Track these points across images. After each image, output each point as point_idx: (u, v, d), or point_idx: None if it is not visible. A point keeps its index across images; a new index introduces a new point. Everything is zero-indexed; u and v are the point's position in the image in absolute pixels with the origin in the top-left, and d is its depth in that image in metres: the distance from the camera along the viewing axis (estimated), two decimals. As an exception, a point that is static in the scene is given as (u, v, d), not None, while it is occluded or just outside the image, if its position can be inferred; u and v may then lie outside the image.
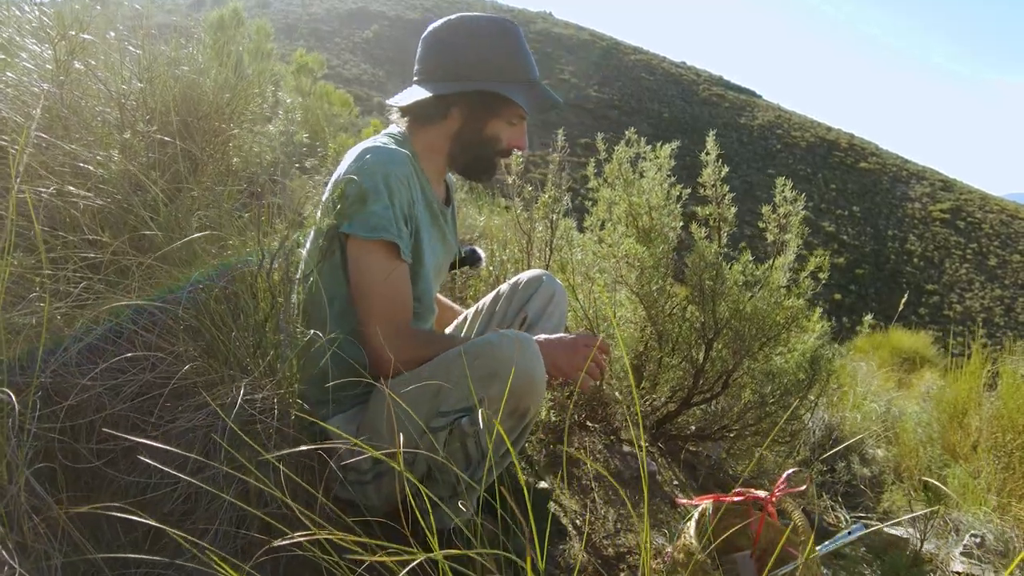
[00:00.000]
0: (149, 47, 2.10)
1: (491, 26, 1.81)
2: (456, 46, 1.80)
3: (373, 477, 1.68)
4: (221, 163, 2.19)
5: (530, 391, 1.60)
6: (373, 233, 1.63)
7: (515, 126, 1.86)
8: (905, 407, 5.70)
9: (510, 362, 1.55)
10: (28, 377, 1.30)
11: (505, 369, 1.54)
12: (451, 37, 1.81)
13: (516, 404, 1.60)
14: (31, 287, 1.36)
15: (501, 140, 1.86)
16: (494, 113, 1.82)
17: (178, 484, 1.31)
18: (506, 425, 1.62)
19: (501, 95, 1.77)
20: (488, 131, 1.84)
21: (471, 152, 1.86)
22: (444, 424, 1.61)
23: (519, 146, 1.90)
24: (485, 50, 1.79)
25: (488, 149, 1.86)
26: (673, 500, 2.66)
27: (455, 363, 1.61)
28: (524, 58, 1.83)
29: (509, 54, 1.81)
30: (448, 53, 1.81)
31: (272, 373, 1.50)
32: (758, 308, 2.60)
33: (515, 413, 1.62)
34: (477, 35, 1.80)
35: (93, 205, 1.47)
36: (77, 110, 1.85)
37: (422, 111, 1.84)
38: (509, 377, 1.52)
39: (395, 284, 1.69)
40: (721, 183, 2.53)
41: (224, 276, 1.55)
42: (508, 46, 1.81)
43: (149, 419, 1.37)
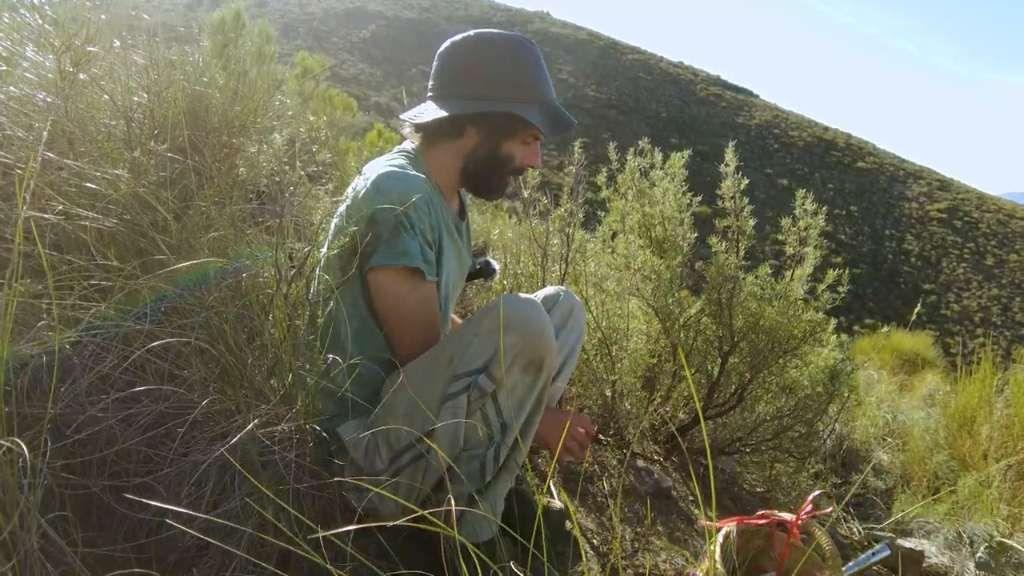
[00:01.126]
0: (155, 56, 2.04)
1: (509, 44, 1.76)
2: (473, 64, 1.76)
3: (391, 475, 1.62)
4: (229, 176, 2.14)
5: (542, 340, 1.57)
6: (399, 260, 1.60)
7: (529, 145, 1.83)
8: (911, 413, 5.67)
9: (518, 313, 1.54)
10: (37, 409, 1.24)
11: (514, 320, 1.53)
12: (468, 54, 1.77)
13: (532, 355, 1.57)
14: (38, 314, 1.31)
15: (515, 159, 1.82)
16: (510, 134, 1.79)
17: (193, 521, 1.25)
18: (525, 381, 1.59)
19: (518, 116, 1.73)
20: (503, 151, 1.80)
21: (484, 170, 1.83)
22: (460, 388, 1.56)
23: (533, 164, 1.88)
24: (502, 69, 1.74)
25: (502, 168, 1.83)
26: (690, 516, 2.61)
27: (465, 329, 1.60)
28: (541, 77, 1.79)
29: (526, 73, 1.76)
30: (465, 71, 1.76)
31: (289, 401, 1.44)
32: (776, 321, 2.55)
33: (531, 366, 1.59)
34: (495, 53, 1.75)
35: (102, 227, 1.42)
36: (81, 123, 1.79)
37: (437, 129, 1.80)
38: (520, 328, 1.53)
39: (426, 307, 1.68)
40: (741, 195, 2.49)
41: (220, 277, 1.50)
42: (526, 65, 1.77)
43: (162, 452, 1.32)
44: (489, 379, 1.55)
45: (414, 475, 1.60)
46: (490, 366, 1.55)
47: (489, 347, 1.55)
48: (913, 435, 4.80)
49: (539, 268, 2.74)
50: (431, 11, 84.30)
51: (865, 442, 4.69)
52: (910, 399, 6.93)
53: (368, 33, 71.32)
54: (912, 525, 3.40)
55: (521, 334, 1.54)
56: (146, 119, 1.80)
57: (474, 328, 1.58)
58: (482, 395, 1.56)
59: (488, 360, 1.55)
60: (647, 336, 2.87)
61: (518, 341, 1.53)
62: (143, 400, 1.32)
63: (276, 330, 1.52)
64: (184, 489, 1.26)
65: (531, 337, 1.55)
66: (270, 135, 2.41)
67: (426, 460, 1.59)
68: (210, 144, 1.94)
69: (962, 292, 49.24)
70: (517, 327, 1.53)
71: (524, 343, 1.54)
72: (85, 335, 1.27)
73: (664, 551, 2.31)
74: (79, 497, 1.23)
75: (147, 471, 1.30)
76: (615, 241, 2.92)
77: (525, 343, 1.55)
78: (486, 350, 1.55)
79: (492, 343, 1.55)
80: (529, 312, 1.57)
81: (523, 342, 1.54)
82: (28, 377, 1.24)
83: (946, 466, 4.22)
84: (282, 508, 1.37)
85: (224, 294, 1.47)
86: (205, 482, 1.30)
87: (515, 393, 1.59)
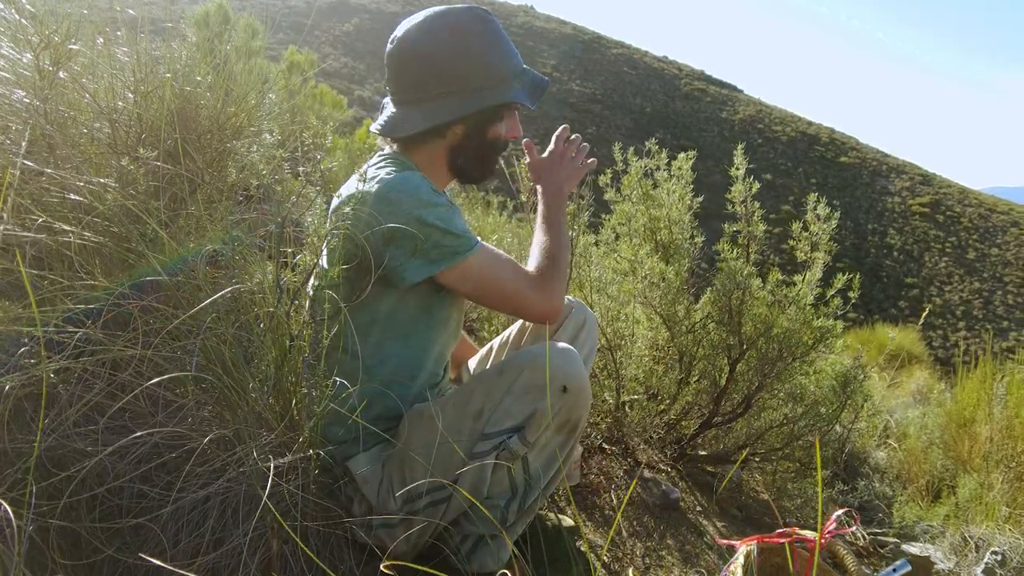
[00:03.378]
0: (140, 54, 1.92)
1: (467, 25, 1.63)
2: (439, 60, 1.62)
3: (401, 520, 1.53)
4: (220, 180, 2.02)
5: (581, 400, 1.51)
6: (473, 248, 1.55)
7: (510, 118, 1.75)
8: (904, 411, 5.67)
9: (559, 371, 1.47)
10: (19, 443, 1.14)
11: (555, 379, 1.46)
12: (429, 49, 1.62)
13: (568, 416, 1.51)
14: (19, 338, 1.20)
15: (501, 139, 1.75)
16: (495, 119, 1.71)
17: (193, 563, 1.15)
18: (556, 442, 1.53)
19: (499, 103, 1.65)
20: (490, 136, 1.72)
21: (476, 159, 1.75)
22: (489, 448, 1.49)
23: (516, 136, 1.80)
24: (469, 55, 1.62)
25: (491, 152, 1.76)
26: (699, 529, 2.54)
27: (498, 380, 1.51)
28: (506, 50, 1.68)
29: (494, 52, 1.65)
30: (432, 69, 1.62)
31: (294, 427, 1.34)
32: (786, 328, 2.48)
33: (566, 426, 1.53)
34: (457, 41, 1.61)
35: (87, 243, 1.31)
36: (62, 126, 1.67)
37: (418, 136, 1.69)
38: (561, 387, 1.46)
39: (499, 261, 1.61)
40: (752, 199, 2.40)
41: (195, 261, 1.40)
42: (490, 42, 1.65)
43: (157, 486, 1.21)
44: (522, 443, 1.48)
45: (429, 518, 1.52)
46: (525, 430, 1.47)
47: (525, 407, 1.47)
48: (910, 435, 4.78)
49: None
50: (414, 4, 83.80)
51: (864, 444, 4.66)
52: (900, 396, 6.94)
53: (351, 26, 70.70)
54: (916, 529, 3.36)
55: (561, 394, 1.47)
56: (132, 122, 1.68)
57: (508, 381, 1.49)
58: (512, 456, 1.48)
59: (522, 422, 1.47)
60: (652, 343, 2.79)
61: (556, 403, 1.46)
62: (135, 430, 1.21)
63: (275, 350, 1.42)
64: (183, 529, 1.16)
65: (571, 397, 1.49)
66: (261, 136, 2.30)
67: (445, 507, 1.51)
68: (201, 148, 1.82)
69: (944, 286, 49.66)
70: (558, 386, 1.47)
71: (563, 404, 1.48)
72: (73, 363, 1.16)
73: (676, 567, 2.23)
74: (67, 540, 1.13)
75: (141, 508, 1.20)
76: (619, 244, 2.83)
77: (563, 404, 1.48)
78: (521, 411, 1.47)
79: (529, 403, 1.47)
80: (570, 369, 1.49)
81: (561, 403, 1.47)
82: (10, 408, 1.13)
83: (943, 467, 4.20)
84: (287, 542, 1.28)
85: (220, 313, 1.37)
86: (205, 520, 1.20)
87: (545, 452, 1.52)
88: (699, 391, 2.81)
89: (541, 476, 1.54)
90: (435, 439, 1.47)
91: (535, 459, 1.51)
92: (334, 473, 1.56)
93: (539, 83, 1.72)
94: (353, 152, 6.06)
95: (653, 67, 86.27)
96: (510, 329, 2.09)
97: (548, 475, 1.55)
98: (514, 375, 1.49)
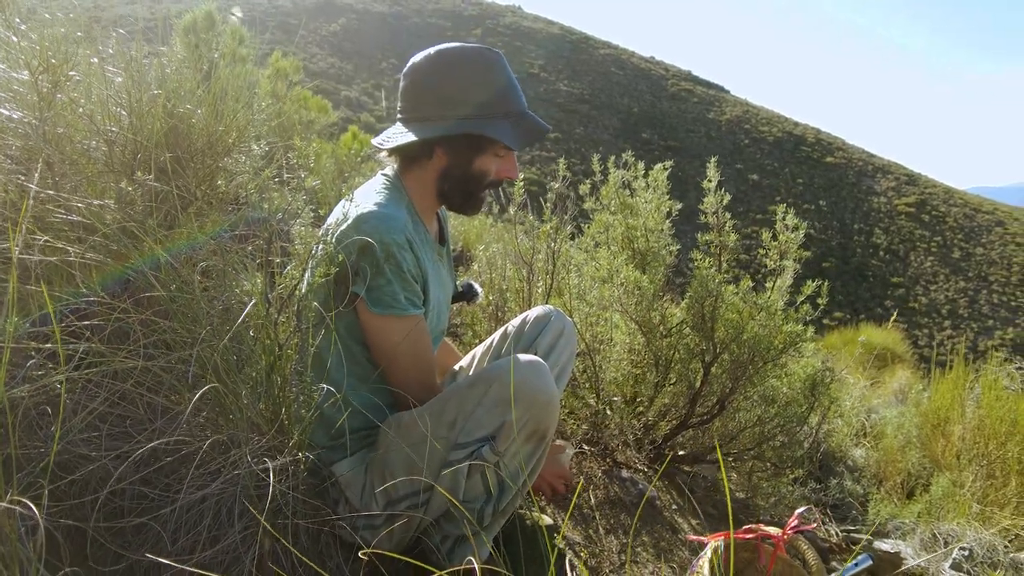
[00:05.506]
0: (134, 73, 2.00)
1: (472, 59, 1.75)
2: (436, 84, 1.75)
3: (384, 521, 1.63)
4: (211, 195, 2.11)
5: (548, 412, 1.59)
6: (384, 310, 1.62)
7: (503, 157, 1.82)
8: (883, 411, 5.77)
9: (526, 385, 1.55)
10: (28, 450, 1.22)
11: (522, 393, 1.54)
12: (431, 74, 1.75)
13: (536, 426, 1.59)
14: (26, 353, 1.28)
15: (489, 174, 1.82)
16: (479, 150, 1.79)
17: (191, 558, 1.24)
18: (526, 450, 1.62)
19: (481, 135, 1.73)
20: (475, 167, 1.80)
21: (459, 188, 1.83)
22: (463, 456, 1.58)
23: (510, 176, 1.87)
24: (465, 86, 1.74)
25: (476, 184, 1.83)
26: (674, 526, 2.64)
27: (469, 393, 1.60)
28: (507, 90, 1.78)
29: (490, 88, 1.75)
30: (428, 92, 1.76)
31: (284, 433, 1.44)
32: (757, 333, 2.58)
33: (534, 436, 1.61)
34: (457, 70, 1.74)
35: (88, 262, 1.39)
36: (59, 145, 1.76)
37: (407, 152, 1.80)
38: (528, 400, 1.54)
39: (415, 344, 1.68)
40: (723, 211, 2.51)
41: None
42: (489, 79, 1.76)
43: (156, 488, 1.31)
44: (493, 452, 1.57)
45: (409, 521, 1.61)
46: (496, 439, 1.56)
47: (495, 419, 1.56)
48: (886, 434, 4.89)
49: (525, 284, 2.75)
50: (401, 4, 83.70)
51: (840, 443, 4.77)
52: (881, 395, 7.05)
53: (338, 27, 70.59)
54: (888, 526, 3.47)
55: (528, 405, 1.55)
56: (127, 142, 1.77)
57: (479, 394, 1.58)
58: (484, 463, 1.57)
59: (493, 432, 1.57)
60: (630, 348, 2.89)
61: (524, 414, 1.54)
62: (136, 437, 1.31)
63: (264, 359, 1.51)
64: (181, 528, 1.25)
65: (538, 409, 1.57)
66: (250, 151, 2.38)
67: (424, 510, 1.61)
68: (193, 166, 1.91)
69: (929, 285, 50.11)
70: (524, 398, 1.54)
71: (530, 415, 1.56)
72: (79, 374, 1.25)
73: (651, 563, 2.33)
74: (75, 539, 1.22)
75: (142, 509, 1.29)
76: (598, 251, 2.93)
77: (531, 416, 1.56)
78: (492, 421, 1.56)
79: (498, 415, 1.56)
80: (537, 383, 1.57)
81: (529, 414, 1.55)
82: (20, 417, 1.22)
83: (919, 465, 4.31)
84: (278, 540, 1.37)
85: (214, 324, 1.46)
86: (202, 519, 1.29)
87: (516, 459, 1.60)
88: (675, 394, 2.92)
89: (514, 481, 1.63)
90: (413, 447, 1.57)
91: (507, 465, 1.59)
92: (321, 475, 1.66)
93: (534, 129, 1.79)
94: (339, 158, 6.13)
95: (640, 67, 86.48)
96: (493, 336, 2.19)
97: (520, 479, 1.64)
98: (485, 388, 1.58)
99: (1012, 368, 4.68)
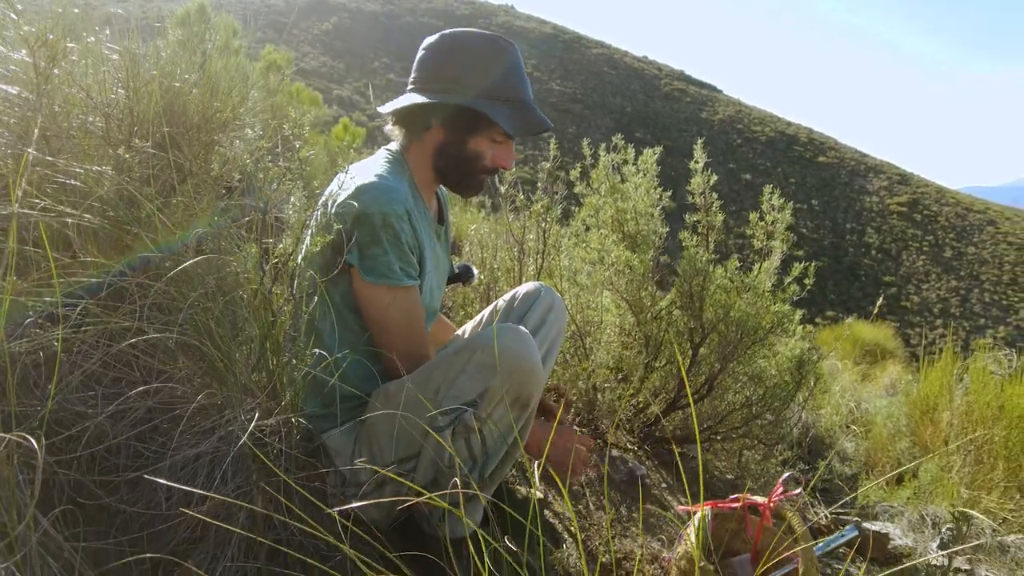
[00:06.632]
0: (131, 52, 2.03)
1: (484, 42, 1.79)
2: (444, 58, 1.79)
3: (374, 488, 1.65)
4: (204, 171, 2.13)
5: (531, 379, 1.61)
6: (377, 279, 1.65)
7: (500, 144, 1.84)
8: (874, 402, 5.82)
9: (508, 352, 1.57)
10: (25, 407, 1.25)
11: (505, 359, 1.57)
12: (443, 50, 1.80)
13: (519, 392, 1.61)
14: (24, 312, 1.31)
15: (484, 157, 1.84)
16: (475, 130, 1.81)
17: (185, 515, 1.27)
18: (510, 417, 1.63)
19: (479, 112, 1.75)
20: (470, 147, 1.82)
21: (454, 167, 1.85)
22: (447, 422, 1.60)
23: (504, 165, 1.89)
24: (472, 65, 1.77)
25: (470, 166, 1.85)
26: (663, 503, 2.68)
27: (454, 360, 1.62)
28: (513, 77, 1.81)
29: (497, 71, 1.79)
30: (436, 64, 1.80)
31: (276, 395, 1.46)
32: (745, 313, 2.62)
33: (518, 402, 1.63)
34: (467, 49, 1.78)
35: (88, 224, 1.42)
36: (56, 119, 1.78)
37: (406, 120, 1.84)
38: (509, 366, 1.56)
39: (410, 315, 1.71)
40: (710, 191, 2.55)
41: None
42: (497, 63, 1.79)
43: (151, 447, 1.33)
44: (475, 417, 1.59)
45: (398, 488, 1.64)
46: (477, 405, 1.59)
47: (477, 385, 1.58)
48: (877, 423, 4.94)
49: (516, 263, 2.78)
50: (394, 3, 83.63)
51: (830, 430, 4.82)
52: (873, 388, 7.12)
53: (330, 25, 70.47)
54: (877, 509, 3.52)
55: (510, 373, 1.57)
56: (124, 116, 1.79)
57: (463, 361, 1.60)
58: (467, 429, 1.59)
59: (475, 398, 1.59)
60: (620, 328, 2.93)
61: (506, 380, 1.57)
62: (132, 396, 1.33)
63: (259, 324, 1.53)
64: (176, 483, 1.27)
65: (520, 375, 1.59)
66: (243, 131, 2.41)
67: (410, 477, 1.63)
68: (189, 140, 1.94)
69: (921, 284, 50.36)
70: (507, 365, 1.57)
71: (512, 382, 1.58)
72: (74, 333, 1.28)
73: (640, 536, 2.37)
74: (70, 493, 1.24)
75: (137, 466, 1.32)
76: (588, 235, 2.97)
77: (513, 382, 1.58)
78: (474, 387, 1.58)
79: (480, 382, 1.58)
80: (520, 350, 1.60)
81: (511, 381, 1.58)
82: (18, 374, 1.24)
83: (909, 452, 4.36)
84: (272, 499, 1.39)
85: (209, 290, 1.49)
86: (196, 477, 1.32)
87: (499, 426, 1.62)
88: (665, 375, 2.95)
89: (497, 448, 1.66)
90: (400, 416, 1.59)
91: (490, 432, 1.61)
92: (315, 444, 1.68)
93: (533, 120, 1.81)
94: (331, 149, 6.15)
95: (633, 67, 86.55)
96: (483, 312, 2.22)
97: (504, 447, 1.67)
98: (468, 355, 1.60)
99: (1000, 355, 4.74)
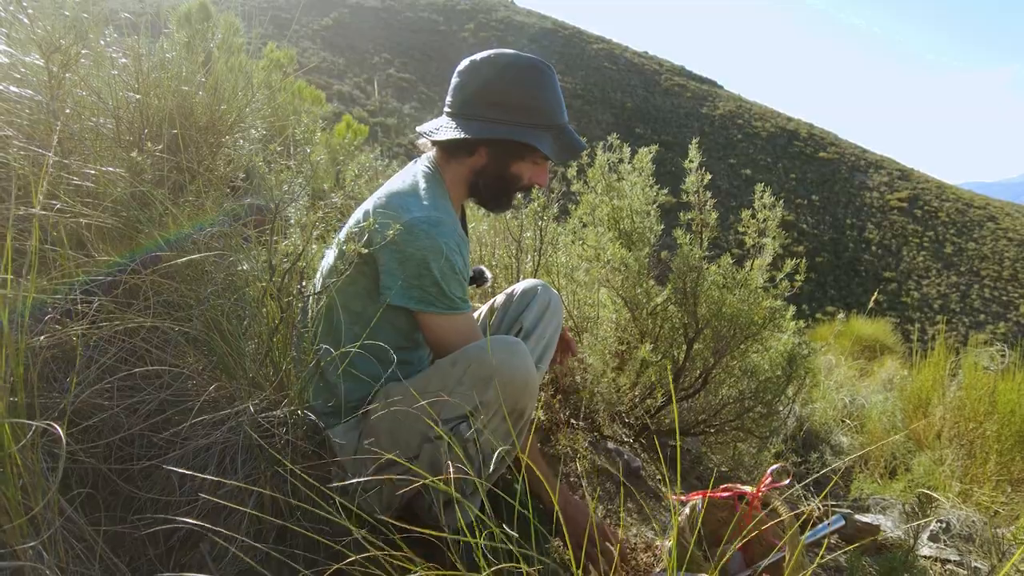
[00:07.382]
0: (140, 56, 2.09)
1: (525, 69, 1.83)
2: (490, 86, 1.82)
3: (375, 484, 1.71)
4: (211, 171, 2.20)
5: (525, 392, 1.67)
6: (452, 310, 1.71)
7: (538, 165, 1.91)
8: (870, 397, 5.87)
9: (503, 366, 1.62)
10: (45, 399, 1.31)
11: (499, 375, 1.62)
12: (487, 76, 1.83)
13: (513, 405, 1.67)
14: (43, 307, 1.38)
15: (523, 178, 1.90)
16: (519, 157, 1.87)
17: (197, 501, 1.34)
18: (505, 426, 1.69)
19: (528, 144, 1.81)
20: (511, 171, 1.88)
21: (492, 188, 1.91)
22: (444, 432, 1.65)
23: (540, 183, 1.96)
24: (518, 94, 1.81)
25: (509, 186, 1.91)
26: (658, 494, 2.74)
27: (450, 371, 1.67)
28: (554, 102, 1.86)
29: (541, 99, 1.83)
30: (481, 92, 1.83)
31: (283, 388, 1.53)
32: (737, 308, 2.69)
33: (512, 414, 1.68)
34: (513, 77, 1.82)
35: (102, 224, 1.48)
36: (68, 123, 1.84)
37: (450, 145, 1.88)
38: (503, 381, 1.61)
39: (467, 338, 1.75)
40: (704, 189, 2.61)
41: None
42: (539, 90, 1.84)
43: (165, 436, 1.40)
44: (470, 428, 1.64)
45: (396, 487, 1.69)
46: (474, 416, 1.63)
47: (471, 399, 1.62)
48: (871, 417, 5.00)
49: (513, 260, 2.85)
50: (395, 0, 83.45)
51: (824, 424, 4.88)
52: (870, 384, 7.16)
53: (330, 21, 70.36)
54: (869, 502, 3.58)
55: (504, 387, 1.62)
56: (135, 119, 1.86)
57: (459, 373, 1.65)
58: (463, 440, 1.65)
59: (470, 411, 1.63)
60: (616, 324, 2.99)
61: (501, 392, 1.62)
62: (145, 389, 1.40)
63: (267, 321, 1.60)
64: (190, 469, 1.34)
65: (514, 389, 1.64)
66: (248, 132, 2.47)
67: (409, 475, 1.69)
68: (195, 141, 2.00)
69: (922, 280, 50.37)
70: (501, 380, 1.62)
71: (507, 395, 1.63)
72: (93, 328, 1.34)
73: (635, 526, 2.43)
74: (88, 480, 1.31)
75: (151, 456, 1.38)
76: (585, 232, 3.03)
77: (508, 395, 1.63)
78: (469, 401, 1.63)
79: (474, 396, 1.62)
80: (514, 362, 1.65)
81: (505, 394, 1.62)
82: (38, 368, 1.31)
83: (902, 446, 4.41)
84: (279, 486, 1.46)
85: (219, 287, 1.55)
86: (206, 466, 1.38)
87: (495, 435, 1.68)
88: (661, 369, 3.02)
89: (492, 455, 1.69)
90: (399, 418, 1.64)
91: (487, 440, 1.66)
92: (321, 439, 1.74)
93: (572, 145, 1.88)
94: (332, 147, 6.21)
95: (633, 62, 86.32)
96: (481, 309, 2.28)
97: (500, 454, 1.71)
98: (464, 367, 1.65)
99: (994, 350, 4.80)
